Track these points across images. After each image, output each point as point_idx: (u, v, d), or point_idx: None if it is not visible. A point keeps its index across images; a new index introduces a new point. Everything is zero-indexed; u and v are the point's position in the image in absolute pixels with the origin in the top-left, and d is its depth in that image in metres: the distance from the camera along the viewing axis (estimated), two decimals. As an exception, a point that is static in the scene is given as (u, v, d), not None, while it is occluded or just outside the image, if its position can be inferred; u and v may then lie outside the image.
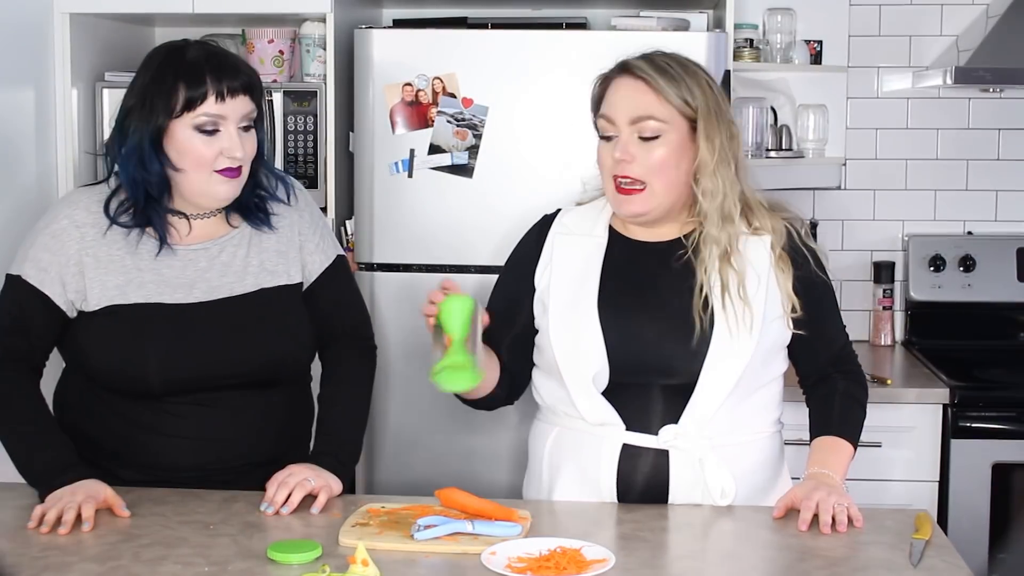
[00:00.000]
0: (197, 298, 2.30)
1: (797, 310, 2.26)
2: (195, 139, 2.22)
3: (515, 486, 2.49)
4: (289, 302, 2.38)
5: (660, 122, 2.19)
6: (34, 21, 3.07)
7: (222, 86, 2.22)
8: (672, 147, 2.20)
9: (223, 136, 2.23)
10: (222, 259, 2.33)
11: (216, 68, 2.23)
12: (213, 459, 2.31)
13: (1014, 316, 3.77)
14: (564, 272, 2.30)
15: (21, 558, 1.96)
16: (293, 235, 2.40)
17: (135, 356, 2.25)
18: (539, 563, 1.91)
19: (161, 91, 2.23)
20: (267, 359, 2.33)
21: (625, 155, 2.20)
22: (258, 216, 2.35)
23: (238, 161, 2.25)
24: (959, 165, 3.82)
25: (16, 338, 2.30)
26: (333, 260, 2.45)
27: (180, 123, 2.22)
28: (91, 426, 2.33)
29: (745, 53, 3.50)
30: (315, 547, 1.97)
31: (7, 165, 2.96)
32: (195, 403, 2.29)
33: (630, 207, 2.24)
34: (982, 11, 3.74)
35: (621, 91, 2.23)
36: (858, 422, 2.34)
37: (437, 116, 3.05)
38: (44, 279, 2.27)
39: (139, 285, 2.28)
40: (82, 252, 2.27)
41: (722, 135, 2.22)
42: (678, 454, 2.23)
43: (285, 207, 2.40)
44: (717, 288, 2.22)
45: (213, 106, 2.21)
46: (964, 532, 3.21)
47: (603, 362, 2.22)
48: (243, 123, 2.26)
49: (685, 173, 2.23)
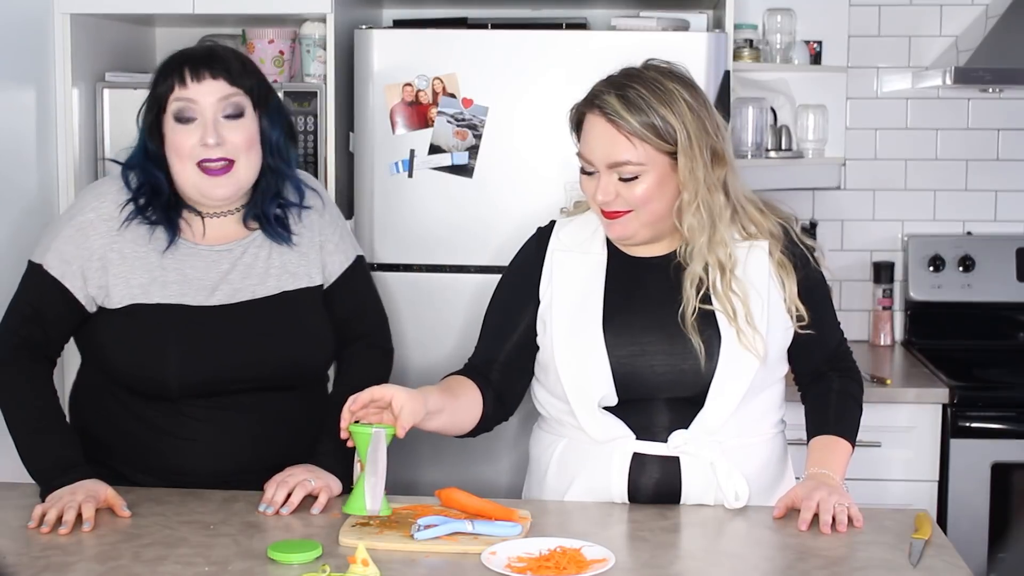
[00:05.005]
0: (219, 301, 2.29)
1: (804, 318, 2.26)
2: (176, 129, 2.24)
3: (515, 486, 2.49)
4: (310, 305, 2.37)
5: (637, 165, 2.15)
6: (34, 21, 3.07)
7: (185, 71, 2.22)
8: (653, 183, 2.16)
9: (199, 125, 2.23)
10: (244, 260, 2.32)
11: (190, 57, 2.25)
12: (230, 465, 2.29)
13: (1014, 316, 3.77)
14: (566, 292, 2.27)
15: (21, 558, 1.96)
16: (314, 235, 2.39)
17: (154, 356, 2.25)
18: (539, 563, 1.91)
19: (152, 88, 2.28)
20: (287, 362, 2.32)
21: (607, 196, 2.17)
22: (277, 231, 2.34)
23: (216, 151, 2.23)
24: (959, 165, 3.82)
25: (33, 327, 2.29)
26: (353, 261, 2.45)
27: (166, 117, 2.25)
28: (107, 428, 2.33)
29: (745, 53, 3.50)
30: (315, 547, 1.97)
31: (8, 165, 2.96)
32: (213, 407, 2.28)
33: (617, 230, 2.22)
34: (982, 11, 3.74)
35: (595, 133, 2.18)
36: (855, 420, 2.34)
37: (437, 116, 3.05)
38: (66, 272, 2.27)
39: (163, 285, 2.27)
40: (107, 247, 2.27)
41: (705, 159, 2.16)
42: (689, 459, 2.22)
43: (307, 209, 2.39)
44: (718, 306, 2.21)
45: (180, 91, 2.22)
46: (964, 532, 3.21)
47: (610, 387, 2.21)
48: (225, 111, 2.24)
49: (671, 199, 2.19)
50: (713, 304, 2.21)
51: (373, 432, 2.03)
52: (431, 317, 3.07)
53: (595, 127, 2.18)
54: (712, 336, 2.21)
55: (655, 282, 2.26)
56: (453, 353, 2.91)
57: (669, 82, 2.17)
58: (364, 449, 2.04)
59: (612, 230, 2.23)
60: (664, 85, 2.17)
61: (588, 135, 2.20)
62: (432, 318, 3.07)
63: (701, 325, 2.21)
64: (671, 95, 2.16)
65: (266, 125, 2.30)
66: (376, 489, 2.03)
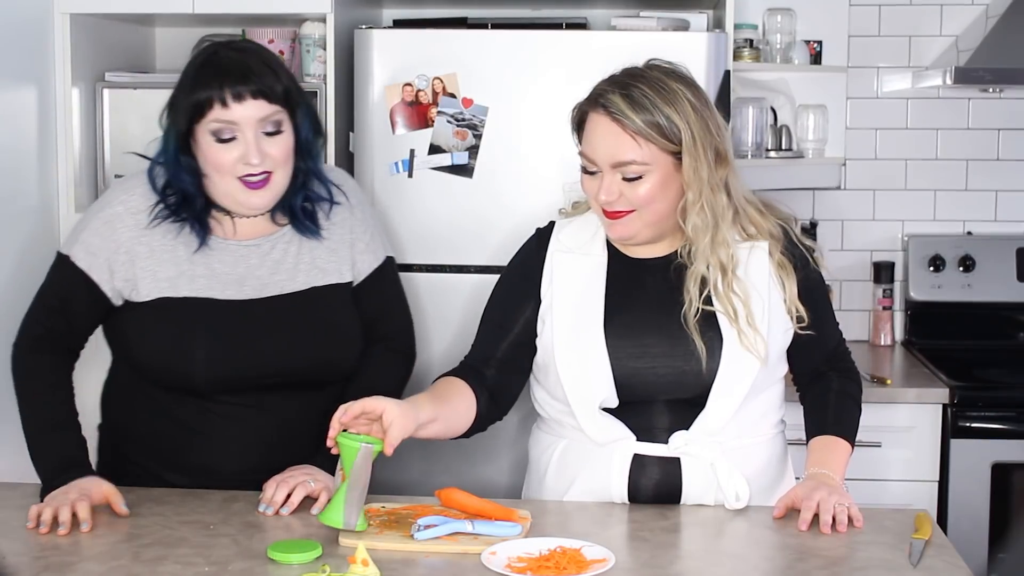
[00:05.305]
0: (248, 295, 2.29)
1: (804, 320, 2.26)
2: (214, 146, 2.21)
3: (515, 486, 2.49)
4: (340, 301, 2.36)
5: (641, 164, 2.15)
6: (34, 21, 3.07)
7: (225, 92, 2.19)
8: (656, 183, 2.16)
9: (240, 143, 2.21)
10: (273, 256, 2.32)
11: (225, 72, 2.20)
12: (257, 462, 2.28)
13: (1014, 316, 3.77)
14: (566, 294, 2.27)
15: (21, 558, 1.96)
16: (345, 232, 2.38)
17: (182, 350, 2.25)
18: (539, 563, 1.91)
19: (182, 93, 2.24)
20: (316, 358, 2.31)
21: (610, 195, 2.17)
22: (305, 223, 2.33)
23: (258, 167, 2.22)
24: (959, 165, 3.82)
25: (58, 319, 2.30)
26: (382, 261, 2.44)
27: (200, 128, 2.22)
28: (137, 425, 2.33)
29: (745, 53, 3.50)
30: (315, 547, 1.97)
31: (8, 165, 2.96)
32: (241, 404, 2.28)
33: (618, 230, 2.22)
34: (982, 11, 3.74)
35: (599, 132, 2.17)
36: (854, 420, 2.34)
37: (437, 116, 3.05)
38: (92, 264, 2.27)
39: (191, 279, 2.27)
40: (134, 240, 2.27)
41: (709, 159, 2.16)
42: (689, 460, 2.22)
43: (337, 205, 2.38)
44: (719, 307, 2.21)
45: (221, 112, 2.19)
46: (964, 532, 3.21)
47: (611, 388, 2.21)
48: (265, 128, 2.22)
49: (674, 199, 2.19)
50: (714, 305, 2.21)
51: (361, 447, 2.01)
52: (431, 317, 3.07)
53: (599, 126, 2.17)
54: (713, 337, 2.21)
55: (655, 283, 2.26)
56: (453, 353, 2.90)
57: (673, 82, 2.17)
58: (349, 461, 2.01)
59: (614, 231, 2.23)
60: (668, 85, 2.16)
61: (592, 134, 2.19)
62: (432, 318, 3.06)
63: (702, 326, 2.21)
64: (675, 95, 2.15)
65: (298, 126, 2.29)
66: (355, 504, 2.01)
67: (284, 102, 2.24)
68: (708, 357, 2.19)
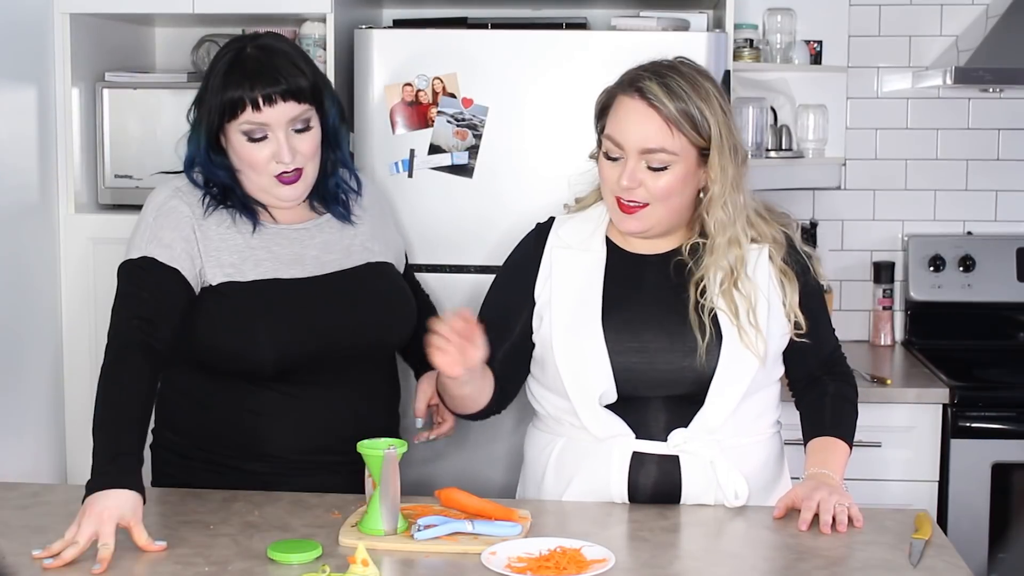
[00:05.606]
0: (311, 272, 2.33)
1: (802, 327, 2.26)
2: (246, 145, 2.26)
3: (514, 486, 2.49)
4: (394, 276, 2.45)
5: (670, 154, 2.16)
6: (34, 21, 3.07)
7: (256, 94, 2.23)
8: (679, 176, 2.18)
9: (272, 141, 2.25)
10: (323, 238, 2.38)
11: (254, 74, 2.23)
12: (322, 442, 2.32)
13: (1014, 316, 3.77)
14: (565, 289, 2.27)
15: (21, 558, 1.96)
16: (380, 218, 2.49)
17: (253, 332, 2.25)
18: (539, 563, 1.91)
19: (211, 92, 2.27)
20: (383, 328, 2.38)
21: (632, 182, 2.17)
22: (338, 210, 2.40)
23: (291, 165, 2.27)
24: (959, 165, 3.82)
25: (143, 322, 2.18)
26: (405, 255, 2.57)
27: (231, 127, 2.26)
28: (210, 424, 2.33)
29: (745, 53, 3.50)
30: (315, 547, 1.97)
31: (8, 165, 2.96)
32: (311, 382, 2.30)
33: (632, 224, 2.22)
34: (982, 11, 3.74)
35: (632, 116, 2.17)
36: (852, 422, 2.34)
37: (437, 116, 3.05)
38: (172, 256, 2.25)
39: (255, 263, 2.30)
40: (194, 226, 2.29)
41: (736, 160, 2.19)
42: (688, 458, 2.23)
43: (365, 200, 2.46)
44: (722, 304, 2.21)
45: (252, 114, 2.23)
46: (964, 532, 3.21)
47: (610, 382, 2.21)
48: (295, 126, 2.26)
49: (690, 196, 2.22)
50: (717, 302, 2.21)
51: (385, 453, 2.04)
52: (431, 317, 3.06)
53: (633, 110, 2.17)
54: (714, 334, 2.21)
55: (655, 279, 2.26)
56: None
57: (702, 79, 2.20)
58: (376, 468, 2.05)
59: (626, 224, 2.23)
60: (699, 81, 2.19)
61: (623, 118, 2.19)
62: (432, 318, 3.06)
63: (703, 323, 2.21)
64: (706, 91, 2.18)
65: (325, 117, 2.33)
66: (390, 508, 2.04)
67: (312, 99, 2.28)
68: (707, 354, 2.20)
